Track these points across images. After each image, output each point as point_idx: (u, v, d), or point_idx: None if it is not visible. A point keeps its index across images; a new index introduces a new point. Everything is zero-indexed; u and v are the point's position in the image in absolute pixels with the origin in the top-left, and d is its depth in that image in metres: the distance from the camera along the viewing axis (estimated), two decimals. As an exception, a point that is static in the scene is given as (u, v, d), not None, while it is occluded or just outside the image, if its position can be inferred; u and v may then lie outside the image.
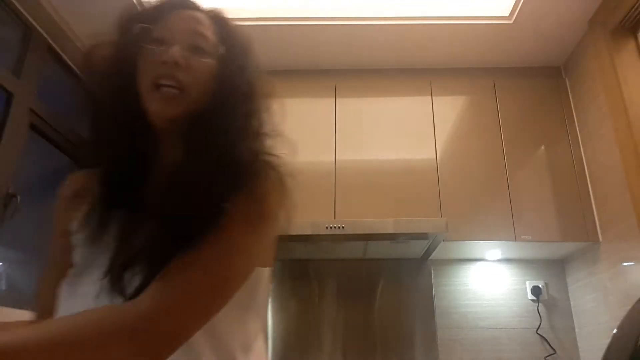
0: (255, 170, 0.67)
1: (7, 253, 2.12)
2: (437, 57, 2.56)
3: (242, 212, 0.63)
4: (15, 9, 2.05)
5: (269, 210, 0.67)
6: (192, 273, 0.59)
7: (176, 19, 0.72)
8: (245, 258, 0.65)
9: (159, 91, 0.67)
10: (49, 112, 2.27)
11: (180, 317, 0.57)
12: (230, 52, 0.72)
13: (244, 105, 0.70)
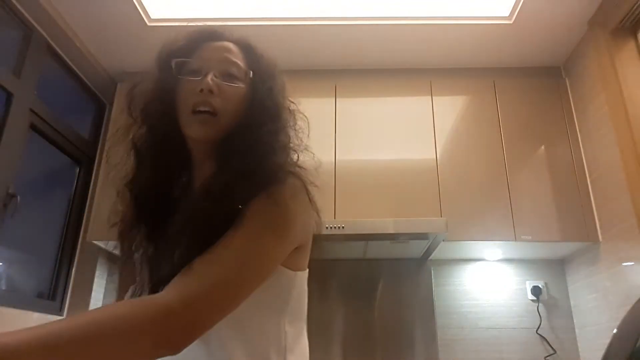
0: (277, 178, 0.72)
1: (7, 253, 2.12)
2: (437, 57, 2.56)
3: (259, 212, 0.68)
4: (15, 9, 2.05)
5: (287, 213, 0.71)
6: (209, 267, 0.63)
7: (209, 50, 0.81)
8: (262, 255, 0.67)
9: (196, 116, 0.75)
10: (49, 112, 2.27)
11: (197, 308, 0.59)
12: (259, 76, 0.80)
13: (271, 123, 0.77)
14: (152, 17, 2.28)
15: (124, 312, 0.57)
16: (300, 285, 0.78)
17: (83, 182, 2.59)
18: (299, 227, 0.73)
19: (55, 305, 2.34)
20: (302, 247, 0.76)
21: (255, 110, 0.77)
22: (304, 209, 0.75)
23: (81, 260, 2.48)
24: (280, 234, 0.70)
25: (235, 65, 0.80)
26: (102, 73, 2.63)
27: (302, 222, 0.74)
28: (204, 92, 0.75)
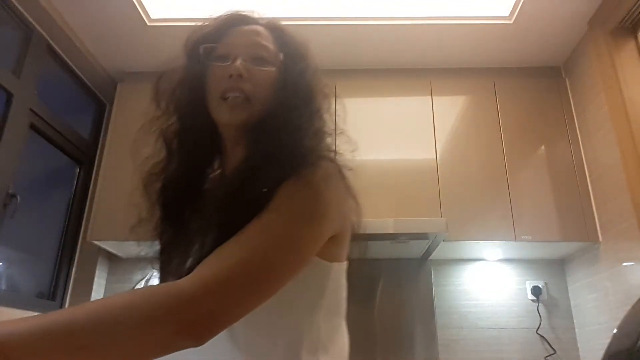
0: (309, 161, 0.67)
1: (7, 253, 2.12)
2: (437, 57, 2.56)
3: (288, 195, 0.64)
4: (15, 9, 2.05)
5: (319, 196, 0.66)
6: (233, 251, 0.59)
7: (237, 34, 0.79)
8: (291, 239, 0.63)
9: (227, 102, 0.73)
10: (49, 112, 2.28)
11: (219, 294, 0.55)
12: (289, 58, 0.77)
13: (304, 106, 0.74)
14: (152, 17, 2.28)
15: (141, 298, 0.54)
16: (337, 278, 0.73)
17: (83, 182, 2.59)
18: (333, 212, 0.68)
19: (55, 305, 2.34)
20: (338, 236, 0.71)
21: (287, 93, 0.74)
22: (339, 194, 0.70)
23: (81, 260, 2.49)
24: (311, 219, 0.65)
25: (264, 48, 0.77)
26: (102, 73, 2.63)
27: (337, 208, 0.69)
28: (233, 77, 0.72)
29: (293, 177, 0.64)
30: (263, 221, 0.61)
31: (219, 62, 0.75)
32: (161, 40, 2.40)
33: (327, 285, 0.71)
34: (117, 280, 2.56)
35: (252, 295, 0.58)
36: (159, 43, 2.42)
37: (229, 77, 0.73)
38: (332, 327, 0.72)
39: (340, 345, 0.73)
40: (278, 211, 0.62)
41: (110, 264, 2.58)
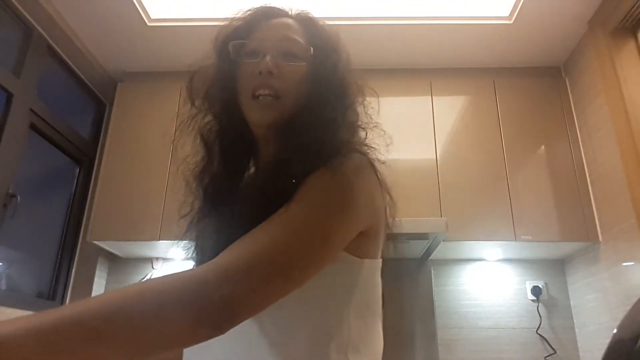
0: (340, 153, 0.66)
1: (7, 253, 2.12)
2: (437, 57, 2.56)
3: (316, 184, 0.62)
4: (15, 9, 2.05)
5: (349, 188, 0.64)
6: (254, 238, 0.57)
7: (267, 29, 0.77)
8: (316, 228, 0.60)
9: (258, 101, 0.71)
10: (49, 112, 2.28)
11: (236, 280, 0.52)
12: (321, 51, 0.76)
13: (336, 100, 0.72)
14: (152, 17, 2.28)
15: (160, 285, 0.51)
16: (370, 275, 0.69)
17: (83, 182, 2.59)
18: (362, 205, 0.65)
19: (55, 305, 2.34)
20: (370, 232, 0.67)
21: (319, 88, 0.72)
22: (370, 187, 0.67)
23: (81, 260, 2.49)
24: (338, 209, 0.62)
25: (294, 42, 0.75)
26: (102, 73, 2.63)
27: (368, 201, 0.66)
28: (263, 74, 0.71)
29: (323, 167, 0.63)
30: (289, 210, 0.59)
31: (248, 59, 0.74)
32: (161, 40, 2.41)
33: (357, 282, 0.67)
34: (117, 280, 2.56)
35: (274, 283, 0.55)
36: (159, 43, 2.42)
37: (259, 74, 0.71)
38: (364, 326, 0.68)
39: (373, 346, 0.69)
40: (304, 201, 0.61)
41: (110, 264, 2.58)
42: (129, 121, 2.52)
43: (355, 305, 0.67)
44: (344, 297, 0.66)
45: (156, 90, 2.58)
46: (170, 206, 2.32)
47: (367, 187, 0.67)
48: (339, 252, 0.63)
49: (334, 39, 0.80)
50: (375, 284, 0.71)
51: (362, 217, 0.65)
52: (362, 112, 0.78)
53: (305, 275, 0.58)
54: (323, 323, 0.64)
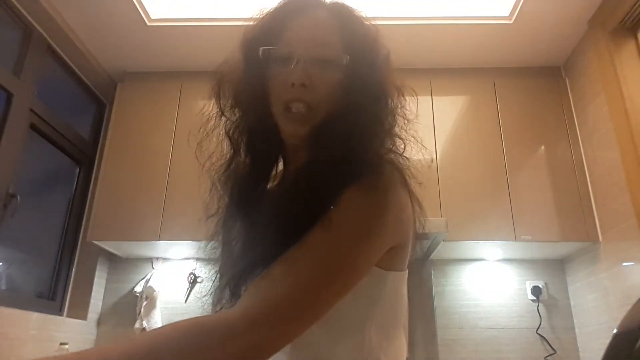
0: (372, 168, 0.63)
1: (7, 253, 2.12)
2: (437, 57, 2.56)
3: (347, 207, 0.60)
4: (15, 9, 2.05)
5: (380, 208, 0.62)
6: (282, 277, 0.56)
7: (297, 29, 0.71)
8: (346, 259, 0.59)
9: (291, 114, 0.69)
10: (49, 112, 2.28)
11: (266, 329, 0.54)
12: (357, 50, 0.70)
13: (373, 105, 0.69)
14: (152, 17, 2.28)
15: (192, 330, 0.53)
16: (395, 288, 0.68)
17: (83, 182, 2.59)
18: (392, 225, 0.63)
19: (55, 305, 2.34)
20: (398, 247, 0.66)
21: (355, 95, 0.67)
22: (401, 204, 0.65)
23: (81, 260, 2.49)
24: (368, 236, 0.60)
25: (328, 45, 0.69)
26: (102, 73, 2.63)
27: (397, 219, 0.64)
28: (295, 87, 0.67)
29: (353, 186, 0.60)
30: (314, 240, 0.58)
31: (279, 65, 0.69)
32: (161, 40, 2.40)
33: (382, 295, 0.66)
34: (117, 280, 2.56)
35: (302, 322, 0.56)
36: (159, 43, 2.42)
37: (292, 85, 0.67)
38: (386, 338, 0.66)
39: (394, 357, 0.68)
40: (330, 228, 0.58)
41: (110, 264, 2.58)
42: (129, 121, 2.52)
43: (378, 319, 0.65)
44: (367, 311, 0.65)
45: (156, 90, 2.58)
46: (171, 206, 2.32)
47: (397, 204, 0.64)
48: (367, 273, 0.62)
49: (372, 33, 0.73)
50: (399, 296, 0.70)
51: (390, 237, 0.64)
52: (399, 118, 0.73)
53: (332, 305, 0.58)
54: (343, 337, 0.63)
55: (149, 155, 2.43)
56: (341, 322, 0.63)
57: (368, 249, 0.61)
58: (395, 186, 0.65)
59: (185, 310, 2.45)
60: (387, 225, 0.63)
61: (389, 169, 0.65)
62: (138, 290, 2.46)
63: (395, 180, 0.65)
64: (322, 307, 0.57)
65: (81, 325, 2.35)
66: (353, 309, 0.63)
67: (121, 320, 2.47)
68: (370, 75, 0.70)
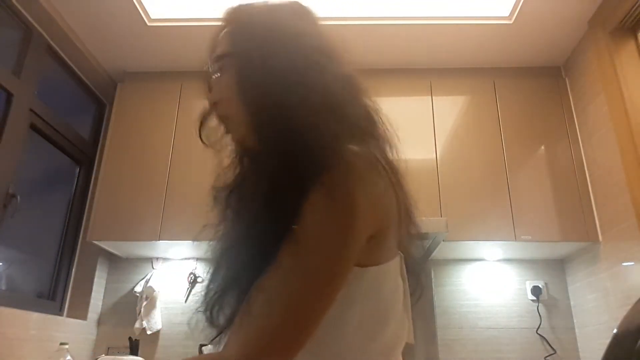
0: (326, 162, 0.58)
1: (7, 253, 2.12)
2: (437, 57, 2.56)
3: (311, 218, 0.57)
4: (15, 9, 2.05)
5: (345, 202, 0.57)
6: (266, 312, 0.56)
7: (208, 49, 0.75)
8: (322, 278, 0.56)
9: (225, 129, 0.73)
10: (49, 112, 2.28)
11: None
12: (247, 49, 0.67)
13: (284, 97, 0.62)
14: (152, 17, 2.28)
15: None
16: (377, 283, 0.63)
17: (83, 182, 2.59)
18: (365, 216, 0.59)
19: (55, 305, 2.34)
20: (378, 237, 0.61)
21: (254, 92, 0.64)
22: (372, 192, 0.60)
23: (81, 260, 2.49)
24: (339, 239, 0.57)
25: (217, 59, 0.71)
26: (102, 73, 2.63)
27: (371, 209, 0.60)
28: (212, 108, 0.74)
29: (312, 191, 0.57)
30: (285, 264, 0.57)
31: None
32: (161, 40, 2.40)
33: (359, 294, 0.61)
34: (117, 280, 2.56)
35: (297, 343, 0.55)
36: (159, 43, 2.42)
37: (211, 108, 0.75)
38: (370, 338, 0.63)
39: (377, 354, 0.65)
40: (299, 247, 0.56)
41: (110, 264, 2.58)
42: (129, 121, 2.52)
43: (357, 319, 0.62)
44: (343, 314, 0.61)
45: (156, 90, 2.58)
46: (170, 206, 2.32)
47: (366, 194, 0.59)
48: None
49: (277, 24, 0.69)
50: (384, 291, 0.65)
51: (365, 229, 0.60)
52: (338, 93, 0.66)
53: (321, 319, 0.57)
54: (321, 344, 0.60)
55: (149, 155, 2.43)
56: (318, 329, 0.58)
57: (341, 254, 0.57)
58: (361, 176, 0.59)
59: (185, 310, 2.45)
60: (358, 220, 0.58)
61: (349, 157, 0.60)
62: (138, 290, 2.46)
63: (362, 164, 0.61)
64: (308, 328, 0.56)
65: (81, 325, 2.35)
66: (329, 314, 0.58)
67: (121, 320, 2.47)
68: (273, 66, 0.64)
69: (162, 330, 2.43)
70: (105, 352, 2.40)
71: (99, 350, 2.41)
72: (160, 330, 2.43)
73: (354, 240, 0.58)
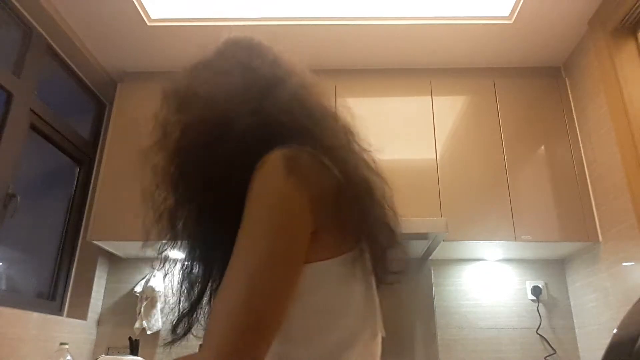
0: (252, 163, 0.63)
1: (7, 253, 2.12)
2: (437, 57, 2.56)
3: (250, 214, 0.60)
4: (15, 9, 2.05)
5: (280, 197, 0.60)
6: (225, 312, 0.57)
7: None
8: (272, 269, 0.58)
9: None
10: (49, 112, 2.28)
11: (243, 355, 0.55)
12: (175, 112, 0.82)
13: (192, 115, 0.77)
14: (152, 17, 2.28)
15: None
16: (320, 279, 0.63)
17: (83, 182, 2.59)
18: (301, 210, 0.60)
19: (55, 305, 2.34)
20: (320, 231, 0.63)
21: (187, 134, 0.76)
22: (306, 178, 0.62)
23: (81, 260, 2.49)
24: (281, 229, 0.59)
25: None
26: (102, 73, 2.63)
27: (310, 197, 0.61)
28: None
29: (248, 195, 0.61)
30: (235, 263, 0.59)
31: None
32: (161, 40, 2.40)
33: (301, 289, 0.61)
34: (117, 280, 2.56)
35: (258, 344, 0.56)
36: (159, 43, 2.42)
37: None
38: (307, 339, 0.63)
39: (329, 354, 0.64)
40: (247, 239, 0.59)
41: (110, 264, 2.58)
42: (129, 121, 2.52)
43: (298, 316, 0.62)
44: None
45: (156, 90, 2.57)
46: (170, 206, 2.32)
47: (301, 182, 0.61)
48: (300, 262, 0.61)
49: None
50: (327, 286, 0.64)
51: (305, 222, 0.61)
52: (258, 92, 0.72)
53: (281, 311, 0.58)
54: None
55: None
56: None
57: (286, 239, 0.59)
58: (293, 163, 0.61)
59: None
60: (293, 214, 0.60)
61: (277, 151, 0.62)
62: (138, 290, 2.46)
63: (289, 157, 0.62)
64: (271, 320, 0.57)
65: (81, 325, 2.35)
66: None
67: (121, 320, 2.47)
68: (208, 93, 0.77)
69: (162, 330, 2.43)
70: (105, 352, 2.40)
71: (99, 350, 2.41)
72: (160, 330, 2.43)
73: (292, 232, 0.60)
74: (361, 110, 2.56)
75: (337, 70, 2.61)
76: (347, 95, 2.52)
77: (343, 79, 2.57)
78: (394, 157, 2.40)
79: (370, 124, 2.79)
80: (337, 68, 2.61)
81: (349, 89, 2.53)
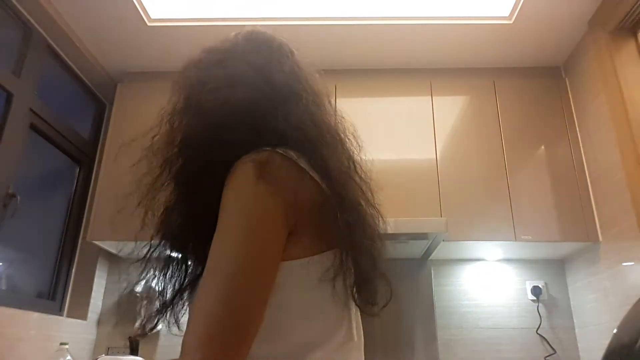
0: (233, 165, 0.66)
1: (7, 253, 2.12)
2: (437, 57, 2.56)
3: (224, 215, 0.62)
4: (15, 9, 2.05)
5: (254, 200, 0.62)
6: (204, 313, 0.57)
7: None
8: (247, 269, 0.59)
9: None
10: (49, 112, 2.28)
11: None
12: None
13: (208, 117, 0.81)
14: (152, 17, 2.28)
15: None
16: (287, 278, 0.63)
17: (83, 182, 2.59)
18: (278, 207, 0.62)
19: (55, 305, 2.34)
20: (299, 229, 0.64)
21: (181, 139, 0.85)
22: (278, 181, 0.63)
23: (81, 260, 2.49)
24: (253, 232, 0.60)
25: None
26: (102, 73, 2.63)
27: (283, 199, 0.63)
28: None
29: (224, 194, 0.64)
30: (212, 266, 0.60)
31: None
32: (161, 40, 2.40)
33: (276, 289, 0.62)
34: (117, 280, 2.56)
35: (245, 341, 0.57)
36: (159, 43, 2.42)
37: None
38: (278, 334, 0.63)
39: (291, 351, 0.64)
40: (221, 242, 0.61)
41: (110, 264, 2.58)
42: (129, 121, 2.52)
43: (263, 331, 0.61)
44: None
45: (156, 90, 2.57)
46: (170, 206, 2.32)
47: (275, 185, 0.63)
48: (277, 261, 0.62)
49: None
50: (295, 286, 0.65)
51: (280, 220, 0.62)
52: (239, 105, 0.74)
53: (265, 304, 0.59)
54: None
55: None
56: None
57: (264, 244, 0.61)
58: (268, 167, 0.63)
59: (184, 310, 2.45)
60: (264, 216, 0.62)
61: (253, 156, 0.65)
62: (138, 290, 2.46)
63: (264, 162, 0.64)
64: (251, 321, 0.57)
65: (81, 325, 2.35)
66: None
67: (121, 320, 2.46)
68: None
69: (162, 330, 2.43)
70: (105, 352, 2.40)
71: (99, 350, 2.41)
72: (160, 331, 2.43)
73: (263, 235, 0.61)
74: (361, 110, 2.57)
75: (337, 70, 2.61)
76: (347, 95, 2.52)
77: (343, 79, 2.56)
78: (394, 157, 2.40)
79: (371, 124, 2.81)
80: (337, 68, 2.61)
81: (349, 89, 2.53)
